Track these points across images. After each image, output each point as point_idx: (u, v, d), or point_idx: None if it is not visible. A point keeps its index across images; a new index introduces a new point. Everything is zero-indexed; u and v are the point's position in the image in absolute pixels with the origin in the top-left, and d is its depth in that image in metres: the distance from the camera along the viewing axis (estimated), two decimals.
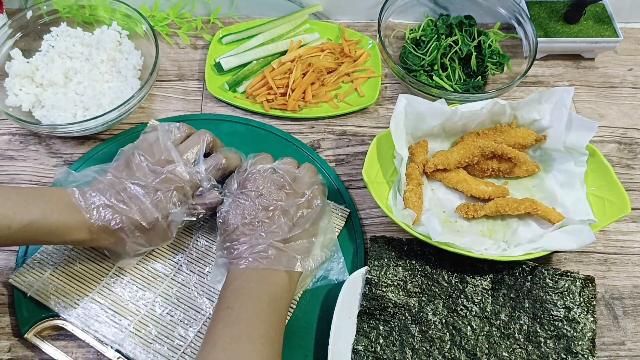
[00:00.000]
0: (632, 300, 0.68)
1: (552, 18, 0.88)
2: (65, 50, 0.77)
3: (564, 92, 0.70)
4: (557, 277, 0.64)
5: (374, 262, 0.64)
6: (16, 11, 0.85)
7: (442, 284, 0.64)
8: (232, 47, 0.85)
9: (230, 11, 0.89)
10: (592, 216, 0.66)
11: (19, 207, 0.53)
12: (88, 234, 0.56)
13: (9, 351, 0.60)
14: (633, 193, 0.76)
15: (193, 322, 0.62)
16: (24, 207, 0.53)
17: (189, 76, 0.83)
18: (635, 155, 0.80)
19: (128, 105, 0.71)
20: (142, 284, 0.64)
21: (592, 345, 0.61)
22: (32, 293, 0.61)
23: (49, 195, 0.56)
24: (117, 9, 0.79)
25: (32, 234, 0.53)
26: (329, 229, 0.64)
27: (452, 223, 0.69)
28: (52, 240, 0.55)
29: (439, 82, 0.82)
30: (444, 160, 0.70)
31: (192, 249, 0.66)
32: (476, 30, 0.83)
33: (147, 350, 0.59)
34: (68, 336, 0.61)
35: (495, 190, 0.70)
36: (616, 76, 0.89)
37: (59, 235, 0.55)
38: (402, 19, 0.88)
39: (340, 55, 0.85)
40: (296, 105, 0.79)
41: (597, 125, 0.68)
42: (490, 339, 0.61)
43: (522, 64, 0.81)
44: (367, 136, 0.79)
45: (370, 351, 0.60)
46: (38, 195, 0.55)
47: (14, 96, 0.73)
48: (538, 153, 0.74)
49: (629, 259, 0.71)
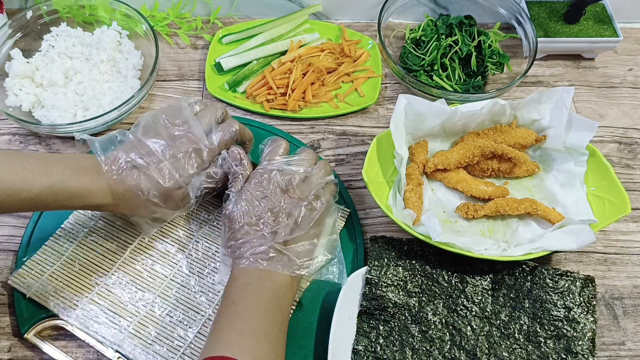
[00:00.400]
0: (632, 300, 0.68)
1: (552, 18, 0.88)
2: (65, 50, 0.77)
3: (564, 92, 0.70)
4: (557, 277, 0.64)
5: (374, 262, 0.64)
6: (16, 11, 0.85)
7: (442, 284, 0.64)
8: (232, 47, 0.85)
9: (230, 11, 0.89)
10: (592, 216, 0.66)
11: (39, 171, 0.53)
12: (108, 198, 0.56)
13: (9, 351, 0.60)
14: (633, 193, 0.76)
15: (192, 323, 0.62)
16: (43, 171, 0.53)
17: (189, 76, 0.83)
18: (635, 155, 0.80)
19: (128, 105, 0.71)
20: (142, 285, 0.64)
21: (592, 345, 0.61)
22: (31, 294, 0.61)
23: (68, 159, 0.56)
24: (117, 9, 0.79)
25: (53, 198, 0.53)
26: (333, 231, 0.63)
27: (452, 223, 0.69)
28: (73, 204, 0.55)
29: (439, 82, 0.82)
30: (444, 160, 0.70)
31: (192, 250, 0.66)
32: (476, 30, 0.83)
33: (147, 351, 0.59)
34: (68, 336, 0.61)
35: (495, 190, 0.70)
36: (616, 76, 0.89)
37: (80, 199, 0.55)
38: (402, 19, 0.88)
39: (340, 55, 0.85)
40: (296, 105, 0.79)
41: (597, 125, 0.68)
42: (490, 339, 0.61)
43: (522, 64, 0.81)
44: (367, 136, 0.79)
45: (370, 351, 0.60)
46: (57, 159, 0.55)
47: (14, 96, 0.73)
48: (538, 153, 0.74)
49: (629, 259, 0.71)
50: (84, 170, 0.55)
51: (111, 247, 0.66)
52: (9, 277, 0.62)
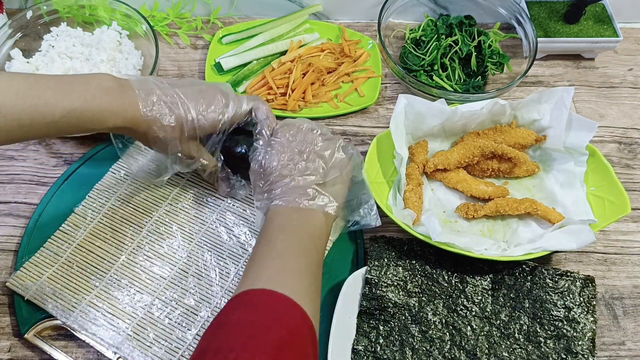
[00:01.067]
0: (632, 300, 0.68)
1: (552, 18, 0.88)
2: (65, 50, 0.77)
3: (564, 92, 0.70)
4: (557, 277, 0.64)
5: (374, 262, 0.64)
6: (16, 11, 0.85)
7: (442, 284, 0.64)
8: (232, 47, 0.85)
9: (230, 11, 0.89)
10: (592, 216, 0.66)
11: (60, 94, 0.52)
12: (129, 121, 0.56)
13: (9, 351, 0.60)
14: (633, 193, 0.76)
15: (191, 325, 0.61)
16: (65, 94, 0.52)
17: (189, 76, 0.83)
18: (635, 155, 0.80)
19: None
20: (140, 287, 0.63)
21: (592, 345, 0.61)
22: (29, 297, 0.61)
23: (89, 80, 0.55)
24: (117, 9, 0.79)
25: (75, 121, 0.53)
26: (359, 174, 0.65)
27: (452, 223, 0.69)
28: (95, 126, 0.54)
29: (439, 82, 0.82)
30: (444, 160, 0.70)
31: (190, 252, 0.66)
32: (476, 30, 0.83)
33: (145, 353, 0.59)
34: (68, 336, 0.61)
35: (495, 190, 0.70)
36: (616, 76, 0.89)
37: (102, 121, 0.54)
38: (402, 19, 0.88)
39: (340, 55, 0.85)
40: (296, 105, 0.79)
41: (597, 125, 0.68)
42: (490, 339, 0.61)
43: (522, 64, 0.81)
44: (367, 136, 0.79)
45: (370, 351, 0.60)
46: (78, 81, 0.54)
47: None
48: (538, 153, 0.74)
49: (629, 259, 0.71)
50: (106, 90, 0.55)
51: (109, 249, 0.65)
52: (7, 279, 0.62)
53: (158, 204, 0.69)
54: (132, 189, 0.70)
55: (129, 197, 0.69)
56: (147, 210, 0.69)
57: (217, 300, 0.63)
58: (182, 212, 0.69)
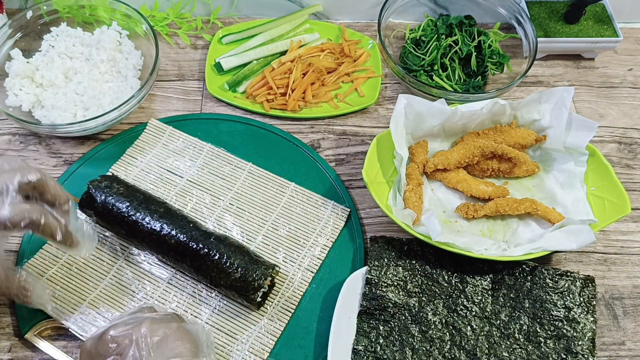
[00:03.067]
0: (632, 300, 0.68)
1: (552, 18, 0.88)
2: (65, 50, 0.77)
3: (564, 92, 0.70)
4: (557, 277, 0.64)
5: (374, 262, 0.64)
6: (16, 11, 0.85)
7: (442, 284, 0.64)
8: (232, 47, 0.85)
9: (230, 11, 0.89)
10: (592, 216, 0.66)
11: None
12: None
13: (9, 351, 0.60)
14: (633, 193, 0.76)
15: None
16: None
17: (189, 76, 0.83)
18: (635, 155, 0.80)
19: (128, 105, 0.71)
20: (140, 288, 0.63)
21: (592, 345, 0.61)
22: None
23: None
24: (117, 9, 0.79)
25: None
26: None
27: (452, 223, 0.69)
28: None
29: (439, 82, 0.82)
30: (444, 160, 0.70)
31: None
32: (476, 30, 0.83)
33: None
34: (68, 336, 0.61)
35: (495, 190, 0.70)
36: (616, 76, 0.89)
37: None
38: (402, 19, 0.88)
39: (340, 55, 0.85)
40: (296, 105, 0.79)
41: (597, 125, 0.68)
42: (490, 339, 0.61)
43: (522, 64, 0.81)
44: (367, 136, 0.79)
45: (370, 351, 0.60)
46: None
47: (14, 96, 0.73)
48: (538, 153, 0.74)
49: (629, 259, 0.71)
50: None
51: (108, 250, 0.66)
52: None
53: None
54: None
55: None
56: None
57: (216, 302, 0.63)
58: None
